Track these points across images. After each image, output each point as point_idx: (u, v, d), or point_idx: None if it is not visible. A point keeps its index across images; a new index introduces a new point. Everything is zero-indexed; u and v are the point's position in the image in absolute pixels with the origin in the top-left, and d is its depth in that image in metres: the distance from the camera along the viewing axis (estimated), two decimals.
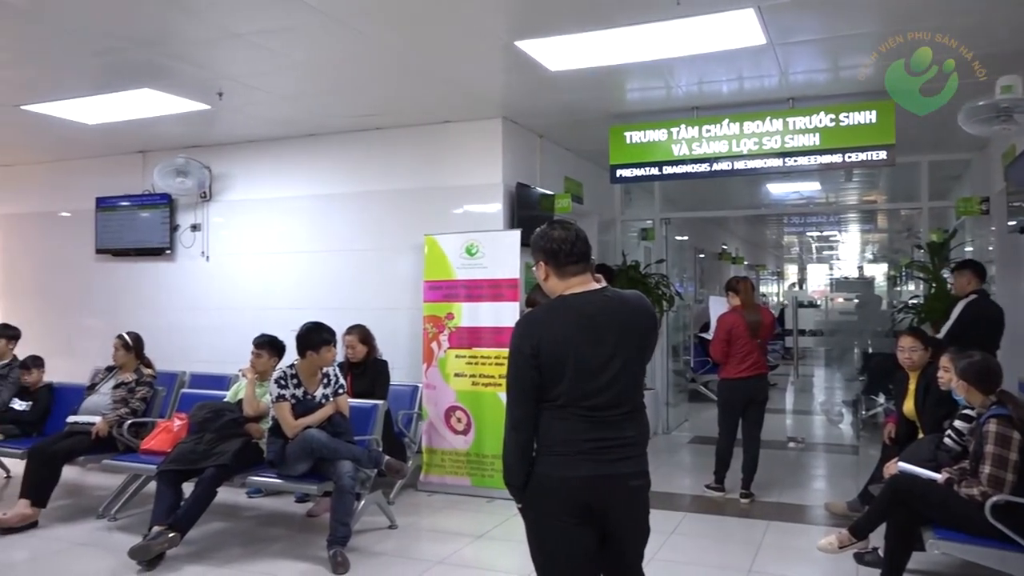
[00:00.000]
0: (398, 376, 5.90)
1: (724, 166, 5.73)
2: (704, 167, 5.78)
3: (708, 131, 5.73)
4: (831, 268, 23.59)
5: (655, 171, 5.94)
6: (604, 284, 2.52)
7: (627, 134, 5.96)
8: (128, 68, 5.02)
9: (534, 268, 2.60)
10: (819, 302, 13.67)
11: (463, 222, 6.32)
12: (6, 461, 6.28)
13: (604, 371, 2.37)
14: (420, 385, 5.99)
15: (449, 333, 5.92)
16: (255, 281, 7.12)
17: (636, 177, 6.03)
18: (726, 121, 5.67)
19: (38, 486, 5.02)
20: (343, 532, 4.33)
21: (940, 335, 5.43)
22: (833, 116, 5.42)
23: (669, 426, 8.40)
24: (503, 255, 5.80)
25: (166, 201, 7.39)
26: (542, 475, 2.41)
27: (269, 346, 5.15)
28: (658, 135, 5.88)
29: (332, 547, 4.28)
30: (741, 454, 5.67)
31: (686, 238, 11.27)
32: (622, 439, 2.39)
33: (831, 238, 18.53)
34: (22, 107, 5.88)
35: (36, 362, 6.04)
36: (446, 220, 6.35)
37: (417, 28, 4.36)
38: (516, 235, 5.83)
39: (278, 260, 7.05)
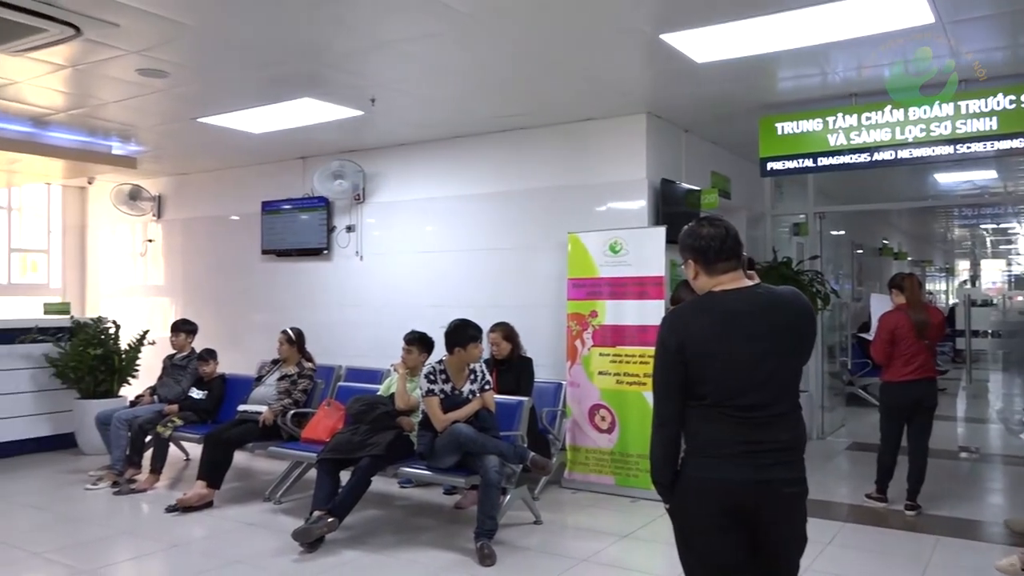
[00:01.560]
0: (542, 373, 5.94)
1: (886, 155, 5.38)
2: (864, 157, 5.45)
3: (868, 119, 5.40)
4: (1009, 264, 21.61)
5: (809, 163, 5.66)
6: (757, 281, 2.43)
7: (778, 125, 5.72)
8: (289, 79, 5.34)
9: (682, 266, 2.54)
10: (996, 300, 12.55)
11: (606, 219, 6.27)
12: (186, 445, 6.84)
13: (755, 370, 2.28)
14: (564, 383, 6.00)
15: (593, 331, 5.90)
16: (405, 279, 7.39)
17: (788, 170, 5.77)
18: (888, 107, 5.31)
19: (213, 469, 5.45)
20: (490, 525, 4.42)
21: None
22: (1014, 97, 4.96)
23: (824, 431, 7.99)
24: (648, 252, 5.71)
25: (324, 204, 7.80)
26: (690, 477, 2.35)
27: (419, 342, 5.32)
28: (812, 125, 5.60)
29: (479, 539, 4.37)
30: (905, 463, 5.31)
31: (842, 233, 10.67)
32: (775, 442, 2.29)
33: (1010, 231, 16.97)
34: (197, 120, 6.40)
35: (211, 354, 6.56)
36: (589, 218, 6.33)
37: (560, 26, 4.37)
38: (661, 232, 5.73)
39: (427, 259, 7.28)
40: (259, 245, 8.30)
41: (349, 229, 7.76)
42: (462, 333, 4.80)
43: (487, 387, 4.89)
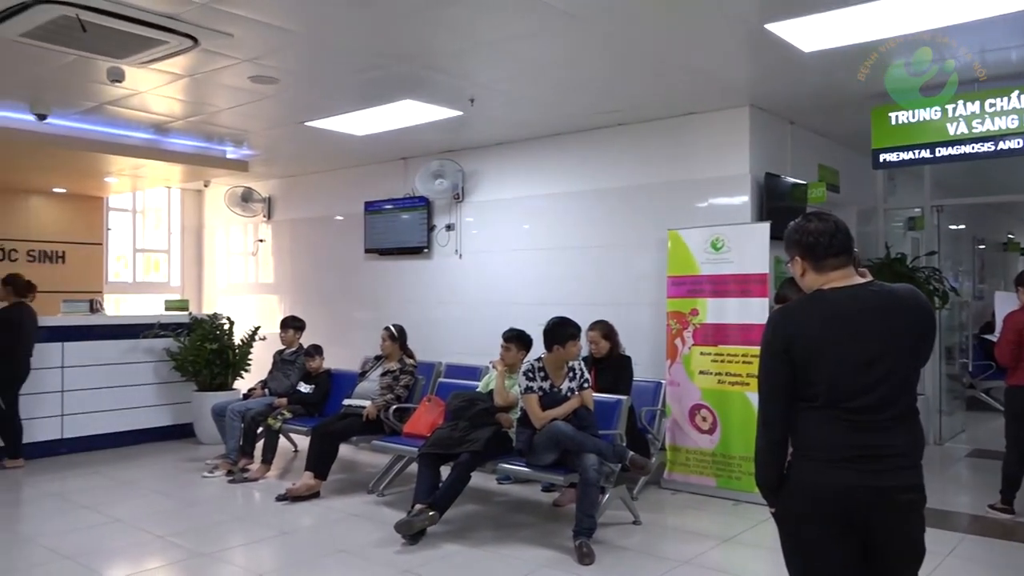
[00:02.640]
0: (641, 372, 5.88)
1: (1013, 144, 5.03)
2: (987, 146, 5.12)
3: (992, 105, 5.06)
4: None
5: (926, 154, 5.36)
6: (870, 279, 2.32)
7: (892, 115, 5.44)
8: (391, 82, 5.46)
9: (788, 263, 2.45)
10: None
11: (708, 216, 6.14)
12: (294, 437, 7.11)
13: (868, 371, 2.18)
14: (663, 382, 5.91)
15: (693, 329, 5.79)
16: (503, 277, 7.45)
17: (903, 161, 5.49)
18: (1016, 93, 4.97)
19: (320, 460, 5.64)
20: (588, 524, 4.40)
21: None
22: None
23: (942, 436, 7.57)
24: (751, 249, 5.56)
25: (424, 203, 7.95)
26: (797, 480, 2.27)
27: (517, 340, 5.35)
28: (930, 114, 5.30)
29: (578, 538, 4.36)
30: None
31: (963, 227, 10.06)
32: (889, 447, 2.18)
33: None
34: (305, 124, 6.63)
35: (317, 350, 6.80)
36: (690, 214, 6.21)
37: (661, 20, 4.30)
38: (765, 228, 5.56)
39: (525, 257, 7.31)
40: (362, 244, 8.53)
41: (449, 228, 7.88)
42: (561, 331, 4.80)
43: (586, 385, 4.87)
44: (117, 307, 10.15)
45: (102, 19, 4.07)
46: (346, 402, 6.07)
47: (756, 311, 5.44)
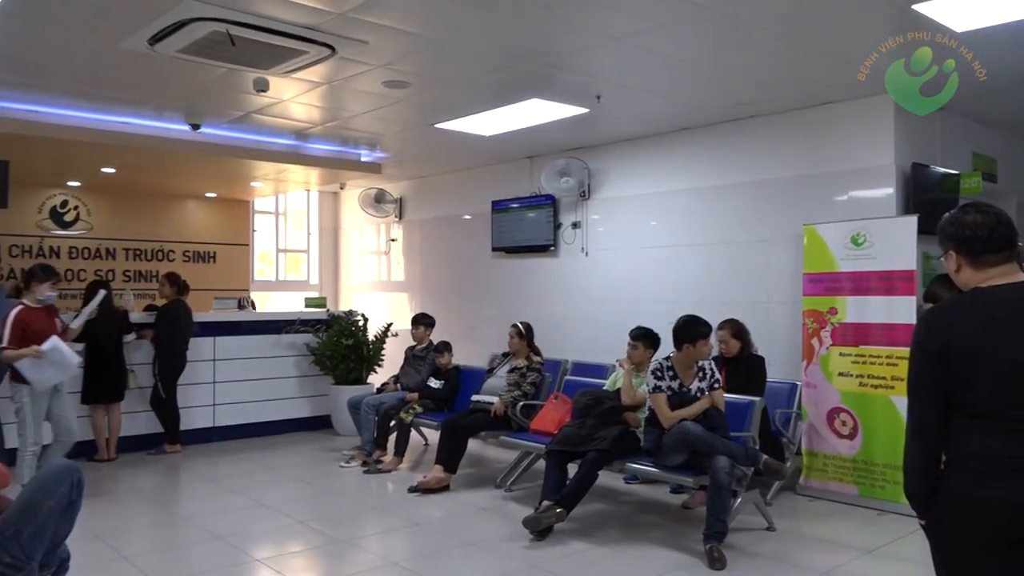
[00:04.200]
0: (775, 373, 5.66)
1: None
2: None
3: None
4: None
5: None
6: None
7: None
8: (518, 82, 5.51)
9: (941, 258, 2.28)
10: None
11: (847, 210, 5.83)
12: (425, 431, 7.31)
13: None
14: (799, 383, 5.67)
15: (832, 329, 5.52)
16: (630, 275, 7.37)
17: None
18: None
19: (450, 455, 5.78)
20: (719, 528, 4.28)
21: None
22: None
23: None
24: (896, 244, 5.24)
25: (550, 202, 7.98)
26: (952, 492, 2.11)
27: (644, 338, 5.28)
28: None
29: (708, 541, 4.26)
30: None
31: None
32: None
33: None
34: (435, 126, 6.80)
35: (446, 346, 6.96)
36: (828, 208, 5.92)
37: (799, 4, 4.12)
38: (911, 221, 5.23)
39: (652, 254, 7.20)
40: (489, 243, 8.66)
41: (575, 226, 7.88)
42: (691, 329, 4.69)
43: (716, 385, 4.75)
44: (262, 304, 10.78)
45: (249, 33, 4.33)
46: (474, 398, 6.18)
47: (902, 310, 5.13)
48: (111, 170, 8.54)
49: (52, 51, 4.88)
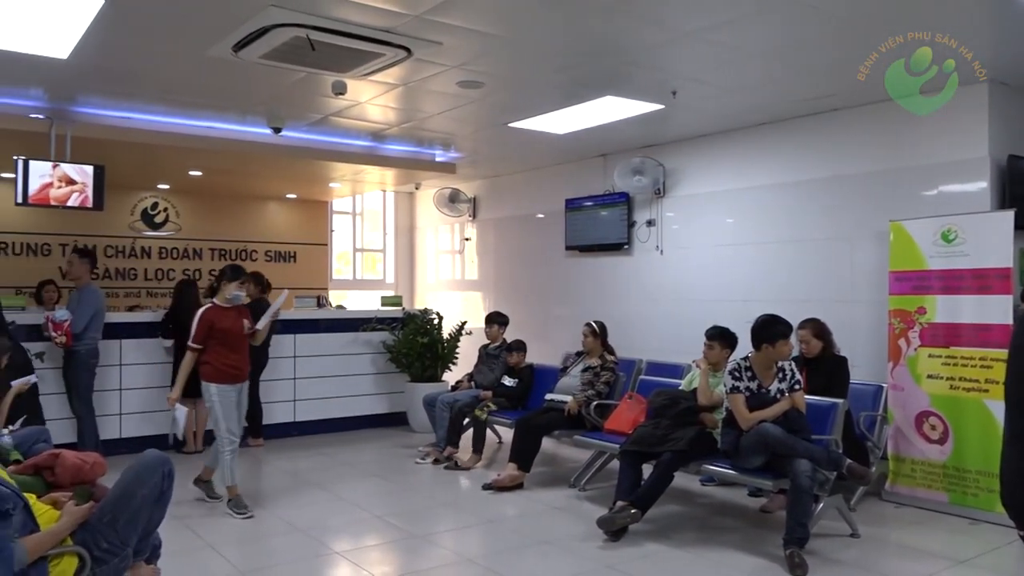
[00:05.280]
0: (858, 374, 5.47)
1: None
2: None
3: None
4: None
5: None
6: None
7: None
8: (592, 80, 5.48)
9: None
10: None
11: (936, 205, 5.59)
12: (499, 429, 7.34)
13: None
14: (885, 385, 5.46)
15: (920, 329, 5.31)
16: (706, 273, 7.24)
17: None
18: None
19: (523, 453, 5.79)
20: (800, 533, 4.16)
21: None
22: None
23: None
24: (990, 240, 5.00)
25: (624, 199, 7.91)
26: None
27: (721, 338, 5.18)
28: None
29: (788, 547, 4.14)
30: None
31: None
32: None
33: None
34: (508, 125, 6.83)
35: (520, 345, 6.98)
36: (915, 203, 5.69)
37: None
38: (1008, 217, 4.99)
39: (729, 252, 7.06)
40: (563, 241, 8.64)
41: (649, 224, 7.79)
42: (771, 329, 4.58)
43: (797, 387, 4.62)
44: (339, 302, 11.02)
45: (328, 37, 4.43)
46: (548, 397, 6.18)
47: (996, 310, 4.90)
48: (198, 173, 8.88)
49: (143, 60, 5.11)
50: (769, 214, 6.75)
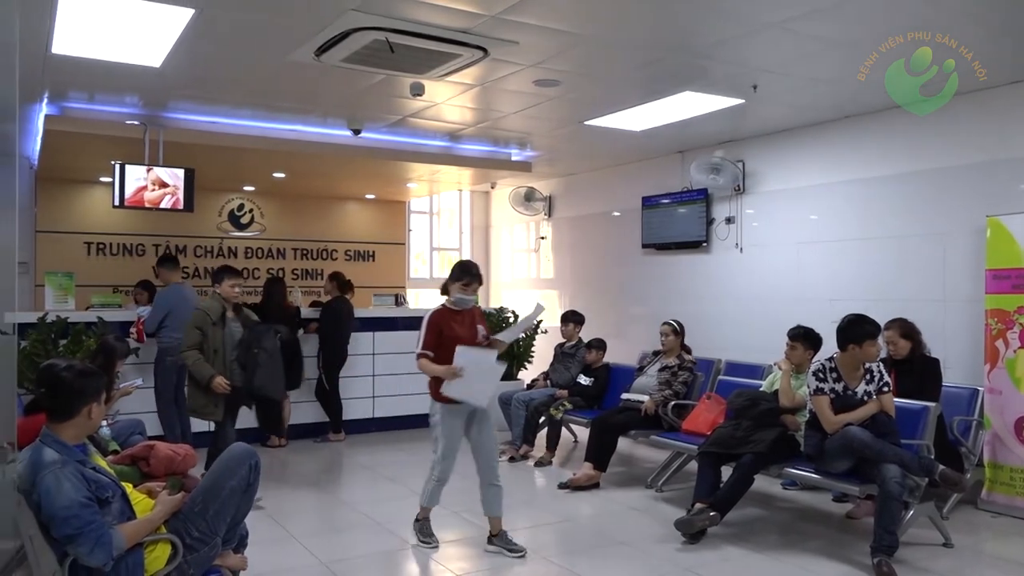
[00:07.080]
0: (952, 377, 5.24)
1: None
2: None
3: None
4: None
5: None
6: None
7: None
8: (670, 75, 5.40)
9: None
10: None
11: None
12: (575, 428, 7.32)
13: None
14: (981, 389, 5.21)
15: (1020, 330, 5.04)
16: (788, 271, 7.05)
17: None
18: None
19: (599, 452, 5.76)
20: (889, 541, 4.01)
21: None
22: None
23: None
24: None
25: (702, 196, 7.77)
26: None
27: (804, 338, 5.03)
28: None
29: (876, 555, 4.00)
30: None
31: None
32: None
33: None
34: (585, 123, 6.79)
35: (600, 343, 6.96)
36: (1015, 198, 5.40)
37: None
38: None
39: (812, 249, 6.86)
40: (639, 239, 8.55)
41: (728, 221, 7.63)
42: (858, 329, 4.41)
43: (885, 389, 4.44)
44: (417, 300, 11.17)
45: (406, 39, 4.50)
46: (624, 396, 6.13)
47: None
48: (281, 175, 9.15)
49: (229, 67, 5.30)
50: (855, 210, 6.52)
